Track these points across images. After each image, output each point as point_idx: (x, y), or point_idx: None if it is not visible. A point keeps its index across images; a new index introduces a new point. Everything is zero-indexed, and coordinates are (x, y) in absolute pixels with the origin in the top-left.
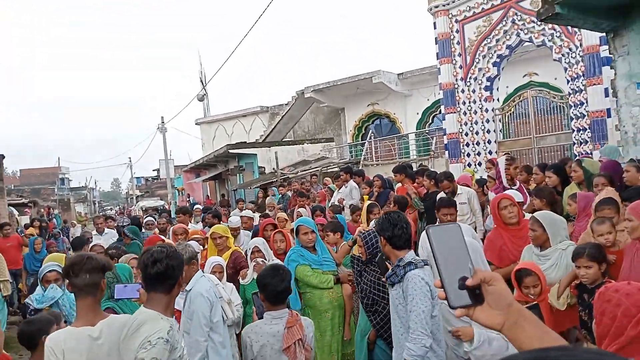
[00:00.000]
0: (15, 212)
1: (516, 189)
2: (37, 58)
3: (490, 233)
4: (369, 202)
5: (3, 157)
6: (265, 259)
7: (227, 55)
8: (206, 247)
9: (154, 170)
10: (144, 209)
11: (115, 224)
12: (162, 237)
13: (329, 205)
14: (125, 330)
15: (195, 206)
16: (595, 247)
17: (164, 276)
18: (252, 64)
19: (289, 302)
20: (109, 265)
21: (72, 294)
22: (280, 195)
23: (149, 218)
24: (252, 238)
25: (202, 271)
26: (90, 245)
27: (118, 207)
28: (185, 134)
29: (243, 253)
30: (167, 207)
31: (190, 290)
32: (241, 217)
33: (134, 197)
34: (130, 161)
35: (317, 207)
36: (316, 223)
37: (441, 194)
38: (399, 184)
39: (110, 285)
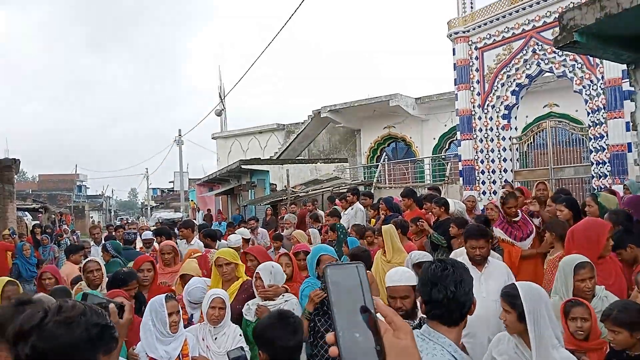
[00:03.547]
0: (29, 217)
1: (518, 222)
2: (58, 63)
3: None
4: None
5: (17, 161)
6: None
7: (245, 71)
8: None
9: (169, 182)
10: (160, 220)
11: (121, 235)
12: (152, 258)
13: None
14: None
15: (201, 222)
16: (627, 309)
17: None
18: (270, 82)
19: None
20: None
21: None
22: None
23: (147, 234)
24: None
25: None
26: (86, 260)
27: (132, 217)
28: (201, 147)
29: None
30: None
31: None
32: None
33: (149, 208)
34: (147, 172)
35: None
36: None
37: (469, 222)
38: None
39: None
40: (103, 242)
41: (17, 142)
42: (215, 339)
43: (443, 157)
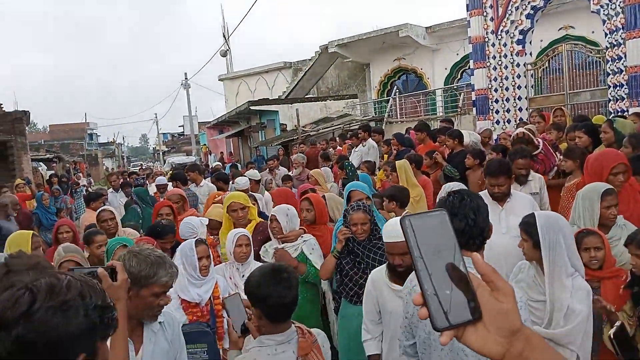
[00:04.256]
0: (44, 167)
1: (538, 155)
2: (60, 12)
3: None
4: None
5: (27, 113)
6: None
7: (249, 8)
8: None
9: (179, 127)
10: (173, 165)
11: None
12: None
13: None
14: None
15: (215, 164)
16: None
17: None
18: (276, 18)
19: None
20: None
21: None
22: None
23: (161, 179)
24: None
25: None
26: (99, 209)
27: (145, 163)
28: (209, 90)
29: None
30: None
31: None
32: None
33: (161, 153)
34: (156, 117)
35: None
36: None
37: (484, 153)
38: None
39: None
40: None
41: (25, 93)
42: (243, 276)
43: (455, 87)
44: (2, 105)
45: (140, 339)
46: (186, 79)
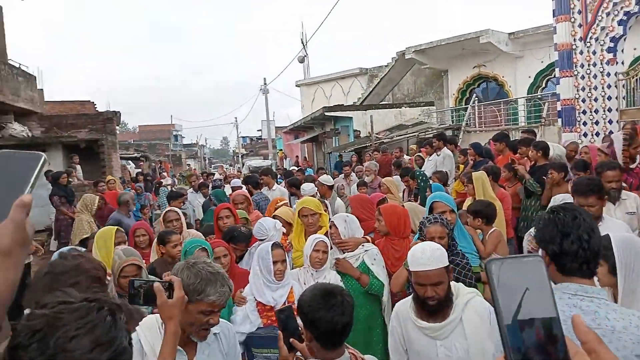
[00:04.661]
0: (132, 165)
1: (634, 169)
2: (158, 24)
3: None
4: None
5: (118, 113)
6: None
7: (326, 15)
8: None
9: (258, 131)
10: (250, 168)
11: (210, 182)
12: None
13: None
14: None
15: (291, 168)
16: None
17: None
18: (353, 25)
19: None
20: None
21: None
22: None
23: (236, 182)
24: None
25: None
26: (166, 209)
27: (225, 165)
28: (286, 95)
29: None
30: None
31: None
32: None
33: (240, 156)
34: (236, 121)
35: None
36: None
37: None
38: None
39: None
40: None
41: (117, 96)
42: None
43: (539, 96)
44: (95, 106)
45: (194, 350)
46: (265, 84)
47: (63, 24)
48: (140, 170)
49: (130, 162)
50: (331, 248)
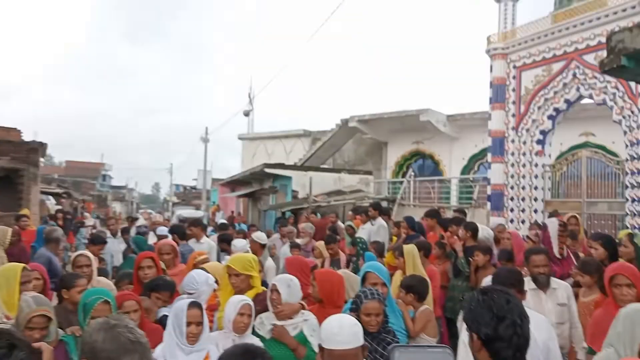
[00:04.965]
0: (52, 201)
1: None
2: (93, 52)
3: (599, 312)
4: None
5: (44, 144)
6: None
7: (275, 74)
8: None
9: (193, 180)
10: (180, 218)
11: (134, 227)
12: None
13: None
14: None
15: (221, 221)
16: None
17: None
18: (301, 86)
19: None
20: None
21: None
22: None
23: (162, 230)
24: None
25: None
26: (77, 253)
27: (154, 212)
28: (227, 147)
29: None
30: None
31: None
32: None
33: (171, 204)
34: (171, 167)
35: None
36: None
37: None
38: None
39: None
40: (120, 234)
41: (47, 127)
42: None
43: (471, 178)
44: (22, 134)
45: None
46: (207, 133)
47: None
48: (60, 207)
49: (50, 197)
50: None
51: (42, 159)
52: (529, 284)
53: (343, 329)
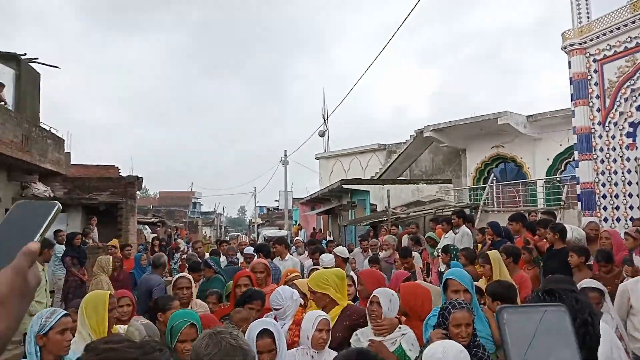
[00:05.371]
0: (148, 230)
1: None
2: (177, 90)
3: None
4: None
5: (139, 178)
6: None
7: (347, 92)
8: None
9: (275, 201)
10: (266, 237)
11: (225, 250)
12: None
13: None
14: None
15: (296, 239)
16: None
17: None
18: (372, 101)
19: None
20: None
21: None
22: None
23: (249, 249)
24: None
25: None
26: (178, 275)
27: (239, 233)
28: (305, 167)
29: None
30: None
31: None
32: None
33: (256, 225)
34: (254, 190)
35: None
36: None
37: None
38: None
39: None
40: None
41: (141, 162)
42: None
43: (558, 179)
44: (119, 170)
45: None
46: (285, 156)
47: (99, 92)
48: (155, 235)
49: (146, 226)
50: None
51: (138, 192)
52: None
53: (447, 356)
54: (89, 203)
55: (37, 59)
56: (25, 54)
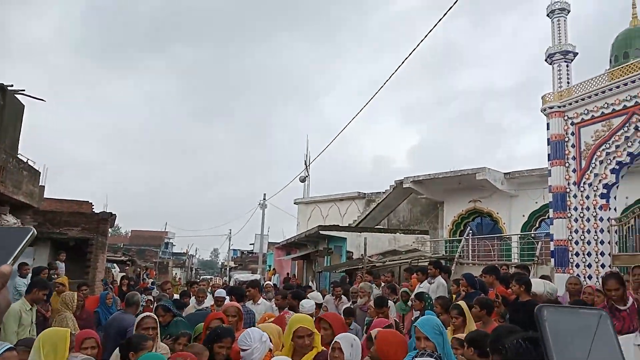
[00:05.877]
0: (117, 269)
1: (622, 312)
2: (159, 130)
3: None
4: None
5: (113, 215)
6: None
7: (331, 140)
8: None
9: (250, 244)
10: (237, 281)
11: (195, 291)
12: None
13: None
14: None
15: (266, 283)
16: None
17: None
18: (355, 151)
19: None
20: None
21: None
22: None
23: (220, 292)
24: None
25: None
26: (144, 314)
27: (211, 276)
28: (283, 211)
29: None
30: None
31: None
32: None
33: (228, 268)
34: (229, 233)
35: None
36: None
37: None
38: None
39: None
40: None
41: (117, 198)
42: None
43: (533, 235)
44: (93, 206)
45: None
46: (264, 199)
47: (83, 127)
48: (125, 274)
49: (115, 265)
50: None
51: (110, 229)
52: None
53: None
54: (59, 237)
55: (23, 90)
56: (12, 85)
